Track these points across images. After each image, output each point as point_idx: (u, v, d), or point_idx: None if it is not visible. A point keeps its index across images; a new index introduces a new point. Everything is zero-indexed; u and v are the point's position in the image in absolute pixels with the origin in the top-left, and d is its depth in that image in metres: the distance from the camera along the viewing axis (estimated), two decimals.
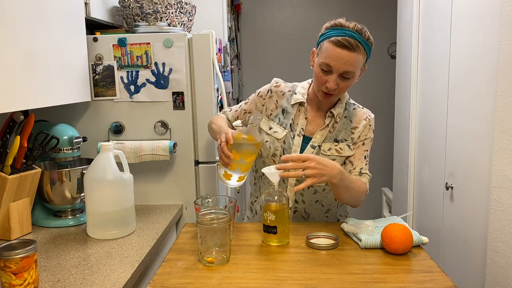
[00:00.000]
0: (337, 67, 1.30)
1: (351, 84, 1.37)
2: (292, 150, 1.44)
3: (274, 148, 1.46)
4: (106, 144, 1.47)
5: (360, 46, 1.30)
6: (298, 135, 1.45)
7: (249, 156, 1.37)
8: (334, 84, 1.33)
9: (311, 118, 1.48)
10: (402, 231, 1.20)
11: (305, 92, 1.49)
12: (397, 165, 2.73)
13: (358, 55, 1.30)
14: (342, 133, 1.46)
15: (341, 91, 1.37)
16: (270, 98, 1.52)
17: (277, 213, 1.26)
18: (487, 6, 1.58)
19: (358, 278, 1.08)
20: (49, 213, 1.65)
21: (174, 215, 1.72)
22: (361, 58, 1.32)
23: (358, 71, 1.34)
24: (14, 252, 1.05)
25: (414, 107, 2.40)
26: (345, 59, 1.29)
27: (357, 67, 1.32)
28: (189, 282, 1.08)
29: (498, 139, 1.50)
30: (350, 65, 1.30)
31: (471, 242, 1.73)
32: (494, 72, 1.51)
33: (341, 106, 1.47)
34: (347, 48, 1.28)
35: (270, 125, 1.49)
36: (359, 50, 1.30)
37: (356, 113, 1.49)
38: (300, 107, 1.47)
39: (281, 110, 1.49)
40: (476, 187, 1.68)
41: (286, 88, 1.52)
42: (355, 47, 1.29)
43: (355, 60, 1.30)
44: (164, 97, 1.80)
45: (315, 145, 1.44)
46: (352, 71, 1.31)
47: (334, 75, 1.32)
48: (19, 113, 1.48)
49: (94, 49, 1.77)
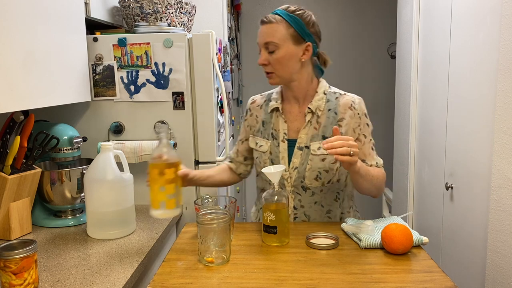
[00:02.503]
0: (260, 42, 1.38)
1: (282, 57, 1.34)
2: (280, 158, 1.42)
3: (263, 162, 1.44)
4: (106, 144, 1.47)
5: (278, 17, 1.34)
6: (282, 140, 1.43)
7: (166, 178, 1.26)
8: (262, 58, 1.37)
9: (292, 120, 1.44)
10: (402, 231, 1.20)
11: (278, 97, 1.47)
12: (397, 165, 2.73)
13: (275, 25, 1.34)
14: (329, 128, 1.41)
15: (274, 67, 1.37)
16: (250, 116, 1.52)
17: (277, 213, 1.26)
18: (487, 6, 1.58)
19: (358, 278, 1.08)
20: (49, 213, 1.65)
21: (174, 215, 1.71)
22: (281, 29, 1.33)
23: (282, 42, 1.33)
24: (14, 252, 1.05)
25: (414, 107, 2.40)
26: (263, 32, 1.36)
27: (276, 36, 1.33)
28: (189, 282, 1.08)
29: (498, 139, 1.50)
30: (268, 36, 1.34)
31: (471, 242, 1.73)
32: (494, 72, 1.51)
33: (318, 98, 1.42)
34: (264, 22, 1.37)
35: (256, 142, 1.48)
36: (276, 21, 1.34)
37: (340, 103, 1.42)
38: (277, 112, 1.45)
39: (261, 122, 1.48)
40: (476, 187, 1.68)
41: (262, 100, 1.52)
42: (271, 19, 1.35)
43: (272, 30, 1.34)
44: (164, 97, 1.80)
45: (302, 146, 1.41)
46: (272, 41, 1.34)
47: (261, 51, 1.38)
48: (19, 113, 1.48)
49: (94, 49, 1.77)
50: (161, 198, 1.26)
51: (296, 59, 1.36)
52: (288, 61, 1.36)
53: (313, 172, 1.39)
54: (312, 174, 1.39)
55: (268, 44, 1.35)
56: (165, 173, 1.25)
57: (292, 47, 1.35)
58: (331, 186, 1.44)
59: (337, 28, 3.69)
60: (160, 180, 1.25)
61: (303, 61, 1.38)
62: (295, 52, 1.35)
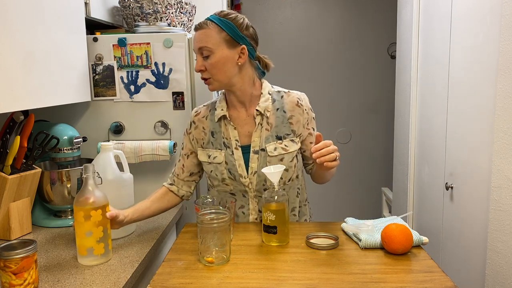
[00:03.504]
0: (194, 48, 1.38)
1: (217, 62, 1.34)
2: (237, 166, 1.41)
3: (220, 173, 1.42)
4: (106, 144, 1.47)
5: (209, 22, 1.35)
6: (236, 148, 1.42)
7: (93, 221, 1.21)
8: (198, 65, 1.36)
9: (241, 125, 1.43)
10: (402, 231, 1.20)
11: (223, 104, 1.45)
12: (397, 165, 2.73)
13: (206, 30, 1.34)
14: (281, 127, 1.42)
15: (211, 72, 1.36)
16: (195, 129, 1.48)
17: (277, 213, 1.26)
18: (487, 6, 1.58)
19: (358, 278, 1.08)
20: (49, 213, 1.65)
21: (174, 215, 1.72)
22: (213, 33, 1.34)
23: (216, 47, 1.33)
24: (14, 252, 1.05)
25: (414, 107, 2.40)
26: (197, 38, 1.37)
27: (209, 41, 1.33)
28: (189, 282, 1.08)
29: (498, 139, 1.50)
30: (201, 41, 1.35)
31: (471, 242, 1.73)
32: (494, 72, 1.51)
33: (264, 99, 1.42)
34: (197, 29, 1.38)
35: (207, 154, 1.45)
36: (208, 25, 1.35)
37: (286, 101, 1.44)
38: (225, 120, 1.44)
39: (210, 133, 1.45)
40: (476, 187, 1.68)
41: (206, 110, 1.49)
42: (203, 25, 1.36)
43: (205, 35, 1.34)
44: (164, 97, 1.80)
45: (257, 150, 1.41)
46: (205, 46, 1.34)
47: (197, 57, 1.38)
48: (19, 113, 1.48)
49: (94, 49, 1.77)
50: (89, 244, 1.22)
51: (233, 63, 1.36)
52: (224, 65, 1.35)
53: None
54: None
55: (202, 49, 1.35)
56: (92, 216, 1.20)
57: (226, 51, 1.34)
58: (292, 184, 1.46)
59: (337, 28, 3.69)
60: (86, 224, 1.20)
61: (240, 65, 1.37)
62: (230, 55, 1.35)
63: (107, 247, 1.26)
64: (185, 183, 1.52)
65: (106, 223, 1.24)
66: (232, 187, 1.43)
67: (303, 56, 3.69)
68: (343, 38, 3.70)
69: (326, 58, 3.69)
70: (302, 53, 3.68)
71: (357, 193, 3.80)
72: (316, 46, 3.68)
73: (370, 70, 3.71)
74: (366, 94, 3.74)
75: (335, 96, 3.70)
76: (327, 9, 3.70)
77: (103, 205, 1.23)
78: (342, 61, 3.70)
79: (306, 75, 3.69)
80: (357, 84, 3.72)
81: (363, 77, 3.72)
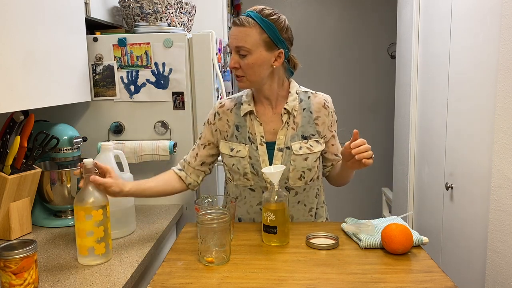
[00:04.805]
0: (231, 45, 1.34)
1: (253, 63, 1.32)
2: (261, 161, 1.40)
3: (243, 167, 1.41)
4: (106, 144, 1.47)
5: (251, 20, 1.31)
6: (260, 144, 1.41)
7: (94, 221, 1.20)
8: (233, 62, 1.34)
9: (267, 121, 1.42)
10: (402, 231, 1.20)
11: (250, 100, 1.44)
12: (397, 165, 2.73)
13: (247, 29, 1.30)
14: (307, 127, 1.42)
15: (245, 71, 1.34)
16: (219, 120, 1.46)
17: (277, 213, 1.26)
18: (487, 6, 1.58)
19: (358, 278, 1.08)
20: (49, 213, 1.65)
21: (174, 215, 1.72)
22: (253, 33, 1.30)
23: (255, 48, 1.31)
24: (14, 252, 1.05)
25: (414, 107, 2.40)
26: (235, 35, 1.32)
27: (248, 41, 1.30)
28: (189, 282, 1.08)
29: (498, 139, 1.50)
30: (240, 40, 1.31)
31: (471, 242, 1.73)
32: (494, 72, 1.51)
33: (292, 98, 1.42)
34: (236, 24, 1.32)
35: (230, 147, 1.43)
36: (249, 24, 1.30)
37: (313, 101, 1.44)
38: (251, 115, 1.43)
39: (235, 127, 1.44)
40: (476, 187, 1.68)
41: (231, 103, 1.47)
42: (244, 22, 1.31)
43: (244, 34, 1.30)
44: (164, 97, 1.80)
45: (282, 147, 1.40)
46: (243, 45, 1.30)
47: (232, 54, 1.34)
48: (19, 113, 1.48)
49: (94, 49, 1.77)
50: (90, 244, 1.22)
51: (268, 65, 1.35)
52: (260, 67, 1.33)
53: (297, 172, 1.40)
54: (296, 174, 1.40)
55: (240, 48, 1.32)
56: (93, 216, 1.21)
57: (264, 53, 1.32)
58: (312, 184, 1.46)
59: (337, 28, 3.69)
60: (87, 223, 1.21)
61: (275, 67, 1.36)
62: (267, 58, 1.33)
63: (108, 247, 1.26)
64: (195, 171, 1.50)
65: (106, 223, 1.25)
66: (253, 182, 1.42)
67: (303, 56, 3.67)
68: (343, 38, 3.70)
69: (326, 58, 3.69)
70: (302, 53, 3.65)
71: (357, 193, 3.80)
72: (316, 46, 3.68)
73: (370, 70, 3.71)
74: (366, 94, 3.74)
75: (335, 96, 3.67)
76: (327, 9, 3.70)
77: (103, 204, 1.24)
78: (342, 61, 3.70)
79: (306, 75, 3.69)
80: (357, 84, 3.72)
81: (363, 77, 3.72)
